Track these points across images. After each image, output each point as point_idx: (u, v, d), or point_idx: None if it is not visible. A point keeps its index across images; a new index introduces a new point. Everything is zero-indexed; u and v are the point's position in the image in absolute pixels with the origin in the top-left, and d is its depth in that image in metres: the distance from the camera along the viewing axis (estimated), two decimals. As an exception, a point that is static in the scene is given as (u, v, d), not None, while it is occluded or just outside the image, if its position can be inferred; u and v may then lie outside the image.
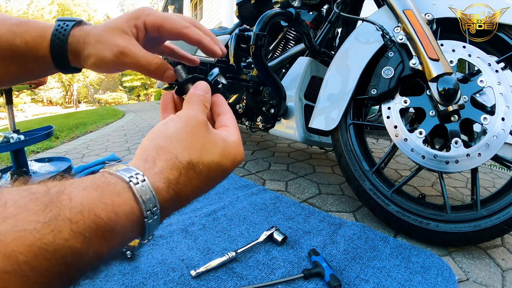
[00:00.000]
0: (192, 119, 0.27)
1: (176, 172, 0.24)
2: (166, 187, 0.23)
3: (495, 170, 1.62)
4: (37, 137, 1.07)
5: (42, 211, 0.17)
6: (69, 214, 0.18)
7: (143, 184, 0.22)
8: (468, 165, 0.74)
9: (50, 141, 2.34)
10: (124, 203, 0.21)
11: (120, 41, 0.31)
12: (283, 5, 1.06)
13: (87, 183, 0.20)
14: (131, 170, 0.23)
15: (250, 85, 1.17)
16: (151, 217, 0.22)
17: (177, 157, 0.25)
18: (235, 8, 1.54)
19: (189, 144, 0.26)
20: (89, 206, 0.19)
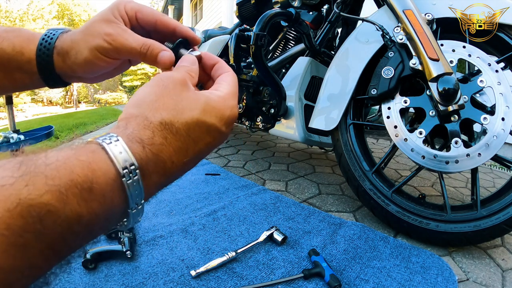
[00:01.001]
0: (163, 79, 0.27)
1: (148, 132, 0.24)
2: (141, 147, 0.23)
3: (495, 170, 1.62)
4: (37, 137, 1.07)
5: (17, 168, 0.17)
6: (44, 169, 0.17)
7: (116, 143, 0.22)
8: (468, 165, 0.74)
9: (50, 141, 2.34)
10: (100, 160, 0.20)
11: (109, 29, 0.31)
12: (283, 5, 1.06)
13: (63, 146, 0.20)
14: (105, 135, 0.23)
15: (250, 85, 1.17)
16: (130, 177, 0.21)
17: (147, 118, 0.24)
18: (235, 8, 1.53)
19: (160, 104, 0.25)
20: (64, 162, 0.18)
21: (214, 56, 0.34)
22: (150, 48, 0.32)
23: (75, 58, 0.32)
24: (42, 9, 16.73)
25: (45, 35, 0.32)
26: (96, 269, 0.63)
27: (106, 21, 0.31)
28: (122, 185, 0.21)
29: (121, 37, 0.31)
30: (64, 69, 0.33)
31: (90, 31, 0.31)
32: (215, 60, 0.34)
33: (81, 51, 0.31)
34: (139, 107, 0.25)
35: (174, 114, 0.25)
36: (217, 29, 2.46)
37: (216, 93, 0.29)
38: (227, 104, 0.29)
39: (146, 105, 0.25)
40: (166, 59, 0.32)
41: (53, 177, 0.17)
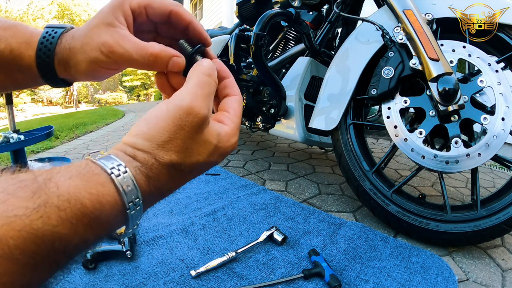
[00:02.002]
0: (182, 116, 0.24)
1: (156, 170, 0.24)
2: (147, 182, 0.24)
3: (495, 170, 1.62)
4: (37, 137, 1.07)
5: (30, 197, 0.18)
6: (57, 202, 0.18)
7: (124, 176, 0.22)
8: (468, 165, 0.74)
9: (50, 141, 2.34)
10: (108, 193, 0.21)
11: (107, 37, 0.27)
12: (283, 5, 1.06)
13: (73, 172, 0.21)
14: (113, 160, 0.23)
15: (250, 85, 1.17)
16: (134, 208, 0.23)
17: (157, 159, 0.24)
18: (235, 8, 1.53)
19: (171, 147, 0.24)
20: (75, 195, 0.19)
21: (225, 69, 0.32)
22: (159, 57, 0.28)
23: (75, 69, 0.30)
24: (42, 9, 16.73)
25: (44, 38, 0.29)
26: (96, 269, 0.63)
27: (106, 25, 0.28)
28: (126, 214, 0.23)
29: (119, 48, 0.27)
30: (66, 75, 0.32)
31: (88, 41, 0.28)
32: (226, 74, 0.31)
33: (80, 63, 0.29)
34: (150, 143, 0.24)
35: (183, 157, 0.25)
36: (217, 29, 2.46)
37: (226, 129, 0.28)
38: (231, 142, 0.28)
39: (157, 143, 0.24)
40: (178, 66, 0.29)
41: (65, 209, 0.19)
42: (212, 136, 0.26)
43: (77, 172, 0.21)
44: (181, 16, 0.30)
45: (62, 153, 1.94)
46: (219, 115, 0.30)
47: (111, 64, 0.28)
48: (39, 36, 0.30)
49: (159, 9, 0.29)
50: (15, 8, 15.74)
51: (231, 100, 0.31)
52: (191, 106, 0.24)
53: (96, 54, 0.28)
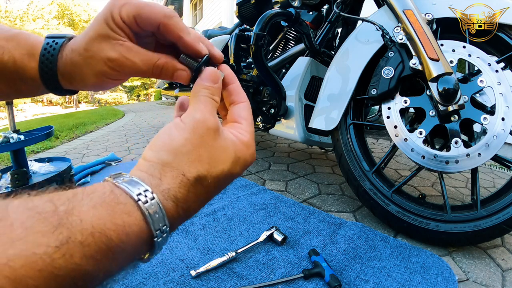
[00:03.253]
0: (199, 126, 0.25)
1: (184, 190, 0.23)
2: (175, 206, 0.23)
3: (495, 170, 1.62)
4: (37, 137, 1.07)
5: (51, 233, 0.16)
6: (81, 237, 0.17)
7: (152, 202, 0.21)
8: (468, 165, 0.74)
9: (50, 141, 2.34)
10: (134, 223, 0.20)
11: (112, 52, 0.27)
12: (283, 5, 1.06)
13: (97, 200, 0.19)
14: (139, 184, 0.21)
15: (250, 85, 1.17)
16: (160, 236, 0.22)
17: (184, 173, 0.23)
18: (235, 8, 1.53)
19: (196, 157, 0.24)
20: (100, 228, 0.18)
21: (232, 74, 0.31)
22: (164, 68, 0.28)
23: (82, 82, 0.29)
24: (42, 9, 16.73)
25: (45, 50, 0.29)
26: (96, 269, 0.63)
27: (105, 38, 0.27)
28: (153, 243, 0.22)
29: (126, 61, 0.27)
30: (71, 87, 0.31)
31: (91, 55, 0.27)
32: (230, 80, 0.30)
33: (87, 77, 0.28)
34: (175, 157, 0.24)
35: (207, 168, 0.24)
36: (217, 29, 2.46)
37: (242, 138, 0.28)
38: (251, 152, 0.28)
39: (182, 156, 0.24)
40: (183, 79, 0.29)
41: (89, 244, 0.17)
42: (230, 141, 0.26)
43: (101, 200, 0.19)
44: (170, 31, 0.28)
45: (62, 153, 1.94)
46: (230, 127, 0.29)
47: (119, 75, 0.29)
48: (41, 46, 0.29)
49: (148, 20, 0.27)
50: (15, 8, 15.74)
51: (240, 108, 0.30)
52: (204, 117, 0.25)
53: (103, 68, 0.27)
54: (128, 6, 0.27)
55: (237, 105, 0.30)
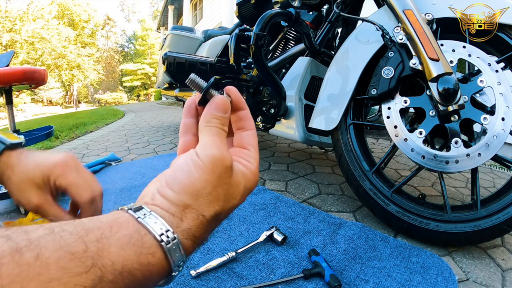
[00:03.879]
0: (218, 164, 0.25)
1: (202, 229, 0.25)
2: (192, 243, 0.24)
3: (495, 170, 1.62)
4: (37, 137, 1.07)
5: (85, 273, 0.18)
6: (112, 277, 0.19)
7: (173, 243, 0.23)
8: (468, 165, 0.74)
9: (50, 141, 2.33)
10: (157, 262, 0.22)
11: (35, 199, 0.36)
12: (283, 5, 1.06)
13: (124, 241, 0.21)
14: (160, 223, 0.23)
15: (250, 85, 1.17)
16: (177, 270, 0.24)
17: (204, 215, 0.25)
18: (235, 8, 1.53)
19: (215, 197, 0.25)
20: (127, 268, 0.20)
21: (242, 99, 0.31)
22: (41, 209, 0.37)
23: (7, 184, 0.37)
24: (42, 9, 16.70)
25: None
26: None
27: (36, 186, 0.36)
28: (170, 277, 0.24)
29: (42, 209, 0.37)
30: None
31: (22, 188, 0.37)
32: (242, 105, 0.31)
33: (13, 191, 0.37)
34: (196, 199, 0.25)
35: (222, 205, 0.26)
36: (217, 29, 2.46)
37: (250, 168, 0.29)
38: (256, 179, 0.29)
39: (202, 198, 0.25)
40: None
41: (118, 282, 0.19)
42: (240, 177, 0.28)
43: (127, 240, 0.21)
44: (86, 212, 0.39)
45: (62, 153, 1.94)
46: (239, 153, 0.30)
47: None
48: None
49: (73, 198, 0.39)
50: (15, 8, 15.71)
51: (248, 136, 0.31)
52: (222, 154, 0.25)
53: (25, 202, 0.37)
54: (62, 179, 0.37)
55: (246, 132, 0.31)
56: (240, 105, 0.31)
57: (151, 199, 0.25)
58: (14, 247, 0.17)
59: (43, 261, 0.17)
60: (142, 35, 29.15)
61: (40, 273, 0.16)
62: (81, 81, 23.28)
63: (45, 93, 23.96)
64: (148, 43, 28.58)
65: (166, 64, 1.49)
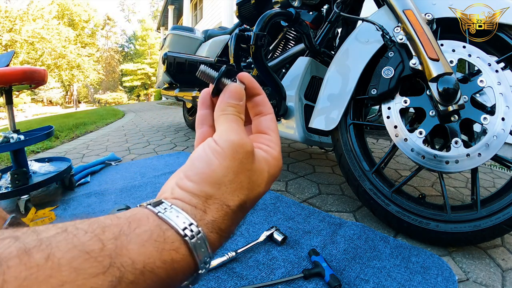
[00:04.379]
0: (238, 150, 0.24)
1: (228, 221, 0.23)
2: (218, 237, 0.23)
3: (495, 170, 1.62)
4: (37, 137, 1.07)
5: (103, 274, 0.16)
6: (132, 277, 0.17)
7: (198, 237, 0.21)
8: (468, 165, 0.74)
9: (50, 141, 2.33)
10: (181, 259, 0.20)
11: None
12: (283, 5, 1.06)
13: (144, 237, 0.19)
14: (183, 217, 0.21)
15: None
16: (204, 267, 0.22)
17: (229, 204, 0.23)
18: (235, 8, 1.53)
19: (238, 185, 0.24)
20: (150, 267, 0.18)
21: (257, 85, 0.30)
22: None
23: None
24: (42, 9, 16.71)
25: None
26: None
27: None
28: (196, 275, 0.22)
29: None
30: None
31: None
32: (258, 90, 0.30)
33: None
34: (218, 188, 0.23)
35: (247, 194, 0.24)
36: (217, 29, 2.46)
37: (273, 153, 0.27)
38: (280, 165, 0.28)
39: (225, 186, 0.23)
40: None
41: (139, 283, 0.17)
42: (263, 162, 0.26)
43: (148, 237, 0.19)
44: None
45: (62, 153, 1.94)
46: (259, 139, 0.29)
47: None
48: None
49: None
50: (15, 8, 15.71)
51: (267, 120, 0.29)
52: (242, 139, 0.24)
53: None
54: None
55: (264, 117, 0.30)
56: (255, 91, 0.29)
57: (170, 194, 0.23)
58: (23, 248, 0.15)
59: (54, 262, 0.15)
60: (142, 35, 29.15)
61: (51, 276, 0.14)
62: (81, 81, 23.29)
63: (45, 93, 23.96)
64: (148, 43, 28.59)
65: (166, 64, 1.48)
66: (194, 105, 2.40)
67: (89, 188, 1.22)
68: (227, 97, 0.27)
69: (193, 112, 2.84)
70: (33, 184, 1.02)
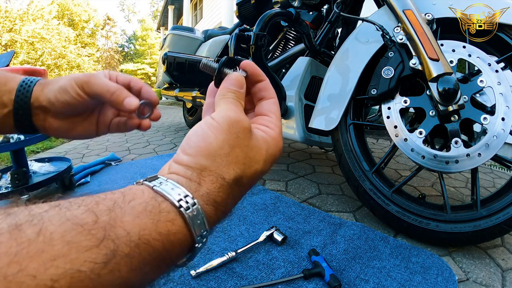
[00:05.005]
0: (235, 125, 0.24)
1: (223, 193, 0.23)
2: (214, 210, 0.22)
3: (495, 170, 1.62)
4: (37, 137, 1.07)
5: (96, 247, 0.15)
6: (127, 250, 0.17)
7: (193, 209, 0.21)
8: (468, 165, 0.74)
9: (50, 141, 2.33)
10: (177, 231, 0.20)
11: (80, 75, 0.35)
12: (283, 5, 1.06)
13: (139, 209, 0.19)
14: (178, 189, 0.21)
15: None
16: (201, 241, 0.22)
17: (224, 177, 0.23)
18: (235, 8, 1.53)
19: (233, 158, 0.24)
20: (145, 238, 0.18)
21: (259, 71, 0.30)
22: (119, 91, 0.35)
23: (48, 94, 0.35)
24: (42, 9, 16.70)
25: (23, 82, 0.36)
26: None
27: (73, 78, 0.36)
28: (193, 249, 0.22)
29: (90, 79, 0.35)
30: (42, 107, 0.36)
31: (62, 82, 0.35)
32: (261, 77, 0.30)
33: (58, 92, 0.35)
34: (214, 160, 0.23)
35: (243, 169, 0.24)
36: (217, 29, 2.46)
37: (271, 134, 0.28)
38: (280, 146, 0.28)
39: (220, 158, 0.23)
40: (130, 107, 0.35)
41: (135, 256, 0.17)
42: (261, 140, 0.27)
43: (143, 208, 0.19)
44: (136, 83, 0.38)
45: (62, 153, 1.94)
46: (260, 120, 0.29)
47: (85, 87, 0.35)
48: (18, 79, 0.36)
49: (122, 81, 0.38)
50: (15, 8, 15.72)
51: (268, 103, 0.30)
52: (239, 116, 0.25)
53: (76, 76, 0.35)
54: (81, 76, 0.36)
55: (266, 100, 0.30)
56: (258, 77, 0.30)
57: (167, 170, 0.24)
58: (14, 223, 0.14)
59: (46, 237, 0.14)
60: (142, 35, 29.16)
61: (43, 250, 0.14)
62: (81, 81, 23.10)
63: (45, 93, 23.86)
64: (148, 43, 28.59)
65: (166, 64, 1.48)
66: (194, 105, 2.40)
67: (89, 188, 1.22)
68: (228, 84, 0.28)
69: (193, 112, 2.84)
70: (33, 184, 1.02)
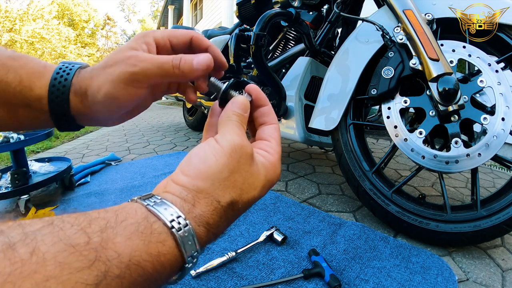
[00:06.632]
0: (237, 150, 0.24)
1: (216, 216, 0.23)
2: (206, 232, 0.22)
3: (495, 170, 1.62)
4: (37, 137, 1.07)
5: (88, 268, 0.16)
6: (118, 271, 0.17)
7: (185, 230, 0.21)
8: (468, 165, 0.74)
9: (50, 141, 2.33)
10: (168, 252, 0.20)
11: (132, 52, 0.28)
12: (283, 5, 1.06)
13: (131, 230, 0.19)
14: (171, 209, 0.21)
15: (250, 85, 1.17)
16: (191, 262, 0.22)
17: (219, 200, 0.23)
18: (235, 8, 1.53)
19: (231, 182, 0.24)
20: (135, 259, 0.18)
21: (263, 96, 0.31)
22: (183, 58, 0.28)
23: (93, 96, 0.28)
24: (42, 9, 16.71)
25: (60, 69, 0.29)
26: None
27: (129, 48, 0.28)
28: (183, 269, 0.22)
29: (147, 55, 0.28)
30: (81, 110, 0.29)
31: (110, 63, 0.28)
32: (264, 102, 0.31)
33: (101, 86, 0.28)
34: (211, 184, 0.23)
35: (240, 194, 0.24)
36: (217, 29, 2.46)
37: (270, 159, 0.28)
38: (278, 172, 0.28)
39: (218, 182, 0.23)
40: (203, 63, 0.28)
41: (125, 277, 0.17)
42: (261, 166, 0.27)
43: (135, 229, 0.19)
44: (201, 41, 0.32)
45: (62, 153, 1.94)
46: (259, 144, 0.29)
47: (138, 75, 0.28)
48: (53, 68, 0.29)
49: (182, 37, 0.32)
50: (15, 8, 15.72)
51: (270, 129, 0.31)
52: (243, 142, 0.25)
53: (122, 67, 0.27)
54: (161, 32, 0.31)
55: (268, 126, 0.31)
56: (261, 102, 0.31)
57: (163, 189, 0.24)
58: (7, 243, 0.15)
59: (39, 257, 0.15)
60: (142, 35, 29.13)
61: (36, 271, 0.14)
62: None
63: (45, 93, 23.89)
64: (148, 43, 28.54)
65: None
66: (194, 105, 2.40)
67: (89, 188, 1.22)
68: (233, 107, 0.28)
69: (193, 112, 2.84)
70: (33, 184, 1.02)
